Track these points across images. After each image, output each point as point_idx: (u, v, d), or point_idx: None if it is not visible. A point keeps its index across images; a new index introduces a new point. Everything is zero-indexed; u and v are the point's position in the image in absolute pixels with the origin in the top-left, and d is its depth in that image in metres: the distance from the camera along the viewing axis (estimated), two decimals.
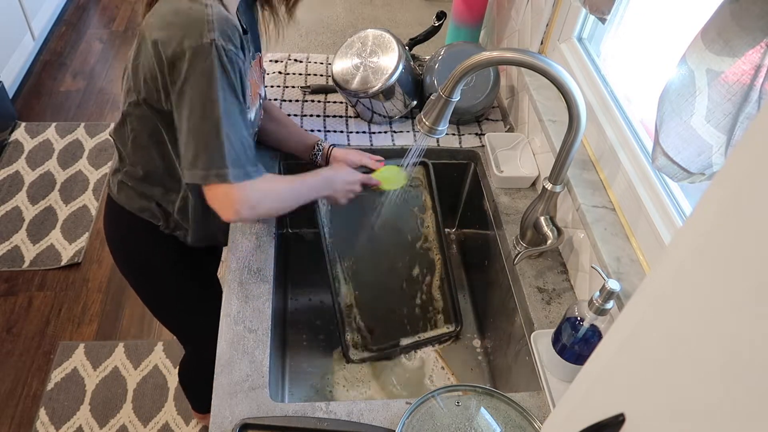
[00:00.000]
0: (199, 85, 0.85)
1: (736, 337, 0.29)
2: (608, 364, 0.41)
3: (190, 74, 0.85)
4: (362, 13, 1.85)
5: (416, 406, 0.88)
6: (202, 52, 0.83)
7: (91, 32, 3.28)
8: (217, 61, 0.84)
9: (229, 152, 0.88)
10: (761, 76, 0.62)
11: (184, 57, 0.84)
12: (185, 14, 0.85)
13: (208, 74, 0.84)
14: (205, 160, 0.88)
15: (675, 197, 0.93)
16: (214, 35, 0.84)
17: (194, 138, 0.88)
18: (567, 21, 1.27)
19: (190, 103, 0.86)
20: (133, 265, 1.22)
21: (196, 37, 0.83)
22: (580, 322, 0.87)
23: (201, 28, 0.84)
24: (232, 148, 0.88)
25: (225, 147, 0.87)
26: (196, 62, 0.84)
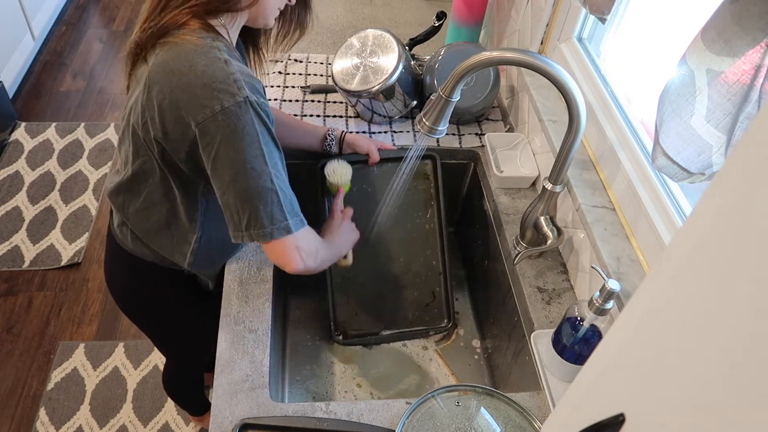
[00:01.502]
0: (241, 145, 0.81)
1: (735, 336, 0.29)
2: (608, 364, 0.41)
3: (228, 136, 0.81)
4: (362, 13, 1.85)
5: (416, 406, 0.88)
6: (238, 113, 0.80)
7: (91, 32, 3.28)
8: (255, 117, 0.82)
9: (285, 203, 0.86)
10: (761, 76, 0.62)
11: (217, 120, 0.80)
12: (208, 75, 0.80)
13: (249, 132, 0.82)
14: (265, 217, 0.85)
15: (675, 197, 0.93)
16: (246, 92, 0.81)
17: (247, 198, 0.84)
18: (567, 21, 1.27)
19: (235, 165, 0.82)
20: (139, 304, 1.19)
21: (228, 99, 0.80)
22: (580, 322, 0.87)
23: (229, 88, 0.80)
24: (286, 198, 0.87)
25: (281, 199, 0.86)
26: (232, 123, 0.80)
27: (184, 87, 0.81)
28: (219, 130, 0.81)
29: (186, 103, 0.81)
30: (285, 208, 0.86)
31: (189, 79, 0.81)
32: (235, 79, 0.81)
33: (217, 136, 0.81)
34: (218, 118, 0.80)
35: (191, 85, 0.81)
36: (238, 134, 0.81)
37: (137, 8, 3.47)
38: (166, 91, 0.82)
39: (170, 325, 1.24)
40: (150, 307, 1.18)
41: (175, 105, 0.82)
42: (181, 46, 0.83)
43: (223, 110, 0.80)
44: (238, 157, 0.82)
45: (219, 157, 0.83)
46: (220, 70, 0.81)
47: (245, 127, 0.81)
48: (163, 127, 0.84)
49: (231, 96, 0.80)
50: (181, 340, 1.30)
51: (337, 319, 1.25)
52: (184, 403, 1.67)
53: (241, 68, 0.84)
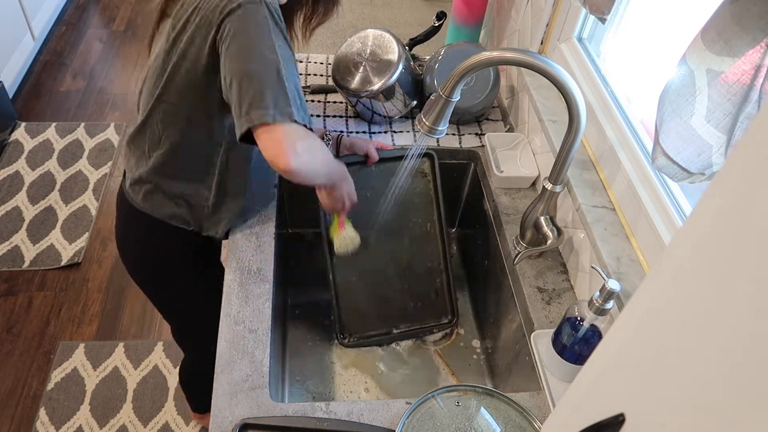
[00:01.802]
0: (255, 32, 0.87)
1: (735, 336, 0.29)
2: (608, 364, 0.41)
3: (242, 27, 0.87)
4: (362, 13, 1.85)
5: (416, 406, 0.88)
6: (252, 8, 0.87)
7: (91, 32, 3.28)
8: (269, 15, 0.88)
9: (291, 93, 0.88)
10: (761, 76, 0.62)
11: (237, 10, 0.87)
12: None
13: (264, 24, 0.88)
14: (269, 98, 0.86)
15: (675, 197, 0.93)
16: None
17: (253, 81, 0.87)
18: (567, 21, 1.27)
19: (248, 49, 0.87)
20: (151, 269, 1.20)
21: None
22: (580, 322, 0.87)
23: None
24: (292, 90, 0.89)
25: (287, 88, 0.88)
26: (249, 14, 0.87)
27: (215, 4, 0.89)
28: (235, 23, 0.87)
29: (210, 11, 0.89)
30: (290, 97, 0.88)
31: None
32: None
33: (233, 28, 0.87)
34: (236, 13, 0.87)
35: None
36: (251, 25, 0.88)
37: (137, 8, 3.47)
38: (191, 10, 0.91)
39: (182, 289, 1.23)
40: (163, 269, 1.19)
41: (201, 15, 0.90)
42: None
43: (240, 5, 0.87)
44: (249, 44, 0.88)
45: (231, 45, 0.88)
46: None
47: (259, 20, 0.88)
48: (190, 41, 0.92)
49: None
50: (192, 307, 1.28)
51: (342, 322, 1.25)
52: (192, 397, 1.66)
53: None
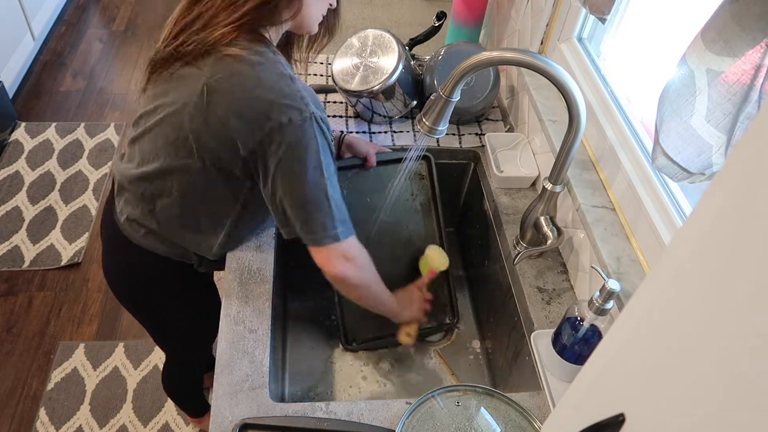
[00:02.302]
0: (304, 157, 0.87)
1: (735, 336, 0.29)
2: (608, 364, 0.41)
3: (293, 148, 0.86)
4: (362, 13, 1.85)
5: (416, 406, 0.88)
6: (304, 126, 0.86)
7: (91, 32, 3.28)
8: (319, 132, 0.88)
9: (336, 213, 0.92)
10: (761, 76, 0.62)
11: (284, 131, 0.85)
12: (276, 91, 0.86)
13: (312, 146, 0.87)
14: (317, 224, 0.91)
15: (675, 197, 0.93)
16: (312, 109, 0.86)
17: (303, 206, 0.90)
18: (567, 21, 1.27)
19: (295, 175, 0.88)
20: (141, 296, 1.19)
21: (295, 114, 0.85)
22: (580, 322, 0.87)
23: (297, 104, 0.85)
24: (338, 208, 0.93)
25: (333, 209, 0.92)
26: (298, 136, 0.86)
27: (253, 99, 0.86)
28: (284, 142, 0.86)
29: (255, 114, 0.86)
30: (336, 217, 0.92)
31: (258, 92, 0.86)
32: (302, 96, 0.87)
33: (282, 147, 0.86)
34: (285, 130, 0.85)
35: (260, 99, 0.85)
36: (302, 146, 0.87)
37: (137, 8, 3.47)
38: (231, 101, 0.86)
39: (172, 317, 1.23)
40: (153, 298, 1.18)
41: (240, 115, 0.86)
42: (244, 60, 0.86)
43: (291, 123, 0.85)
44: (300, 167, 0.88)
45: (281, 167, 0.88)
46: (287, 86, 0.87)
47: (309, 140, 0.87)
48: (224, 133, 0.88)
49: (299, 111, 0.85)
50: (181, 333, 1.30)
51: (345, 327, 1.24)
52: (183, 404, 1.67)
53: (303, 85, 0.90)
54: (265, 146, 0.87)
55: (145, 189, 0.99)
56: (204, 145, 0.90)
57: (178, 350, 1.40)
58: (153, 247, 1.06)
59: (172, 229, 1.03)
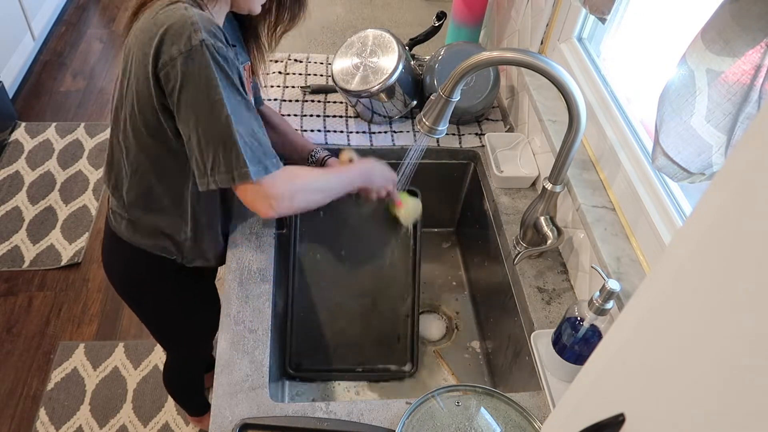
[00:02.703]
0: (199, 89, 0.83)
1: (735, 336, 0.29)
2: (608, 364, 0.41)
3: (186, 80, 0.82)
4: (362, 13, 1.85)
5: (416, 406, 0.88)
6: (194, 55, 0.81)
7: (91, 32, 3.28)
8: (212, 60, 0.82)
9: (245, 150, 0.86)
10: (761, 76, 0.62)
11: (177, 64, 0.81)
12: (166, 20, 0.82)
13: (206, 76, 0.82)
14: (224, 162, 0.86)
15: (675, 197, 0.93)
16: (202, 35, 0.81)
17: (208, 143, 0.86)
18: (567, 21, 1.27)
19: (195, 110, 0.84)
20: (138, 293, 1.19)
21: (185, 41, 0.80)
22: (580, 322, 0.87)
23: (186, 30, 0.81)
24: (246, 145, 0.87)
25: (240, 146, 0.86)
26: (190, 66, 0.81)
27: (147, 40, 0.83)
28: (178, 76, 0.82)
29: (153, 55, 0.82)
30: (244, 154, 0.86)
31: (152, 31, 0.83)
32: (193, 22, 0.81)
33: (177, 82, 0.82)
34: (177, 64, 0.81)
35: (153, 37, 0.82)
36: (194, 78, 0.82)
37: None
38: (134, 50, 0.84)
39: (168, 314, 1.24)
40: (148, 295, 1.19)
41: (143, 60, 0.84)
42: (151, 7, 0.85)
43: (181, 55, 0.81)
44: (196, 101, 0.83)
45: (181, 102, 0.84)
46: (178, 15, 0.82)
47: (201, 71, 0.82)
48: (136, 88, 0.86)
49: (187, 40, 0.81)
50: (179, 330, 1.30)
51: (292, 351, 1.17)
52: (183, 402, 1.67)
53: (202, 14, 0.84)
54: (166, 85, 0.83)
55: (111, 175, 1.00)
56: (132, 108, 0.89)
57: (176, 347, 1.40)
58: (135, 240, 1.06)
59: (139, 214, 1.03)
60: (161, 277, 1.14)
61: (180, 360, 1.47)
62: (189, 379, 1.54)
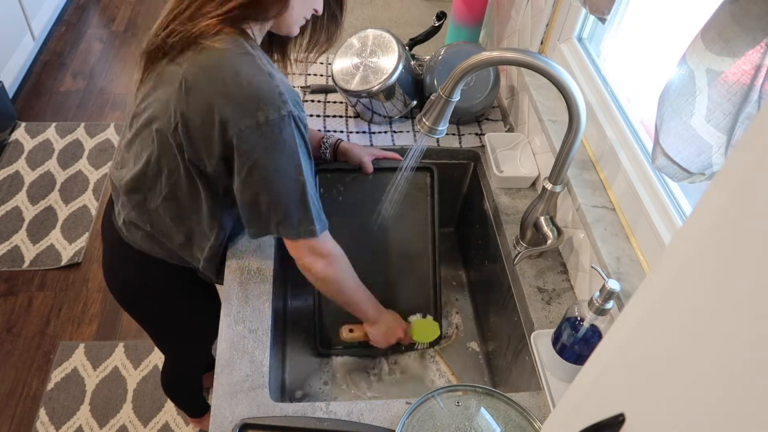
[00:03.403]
0: (281, 157, 0.87)
1: (735, 337, 0.29)
2: (608, 364, 0.41)
3: (270, 147, 0.85)
4: (362, 13, 1.85)
5: (416, 406, 0.88)
6: (281, 126, 0.85)
7: (91, 32, 3.28)
8: (296, 131, 0.87)
9: (313, 210, 0.93)
10: (761, 76, 0.62)
11: (261, 130, 0.84)
12: (254, 86, 0.83)
13: (290, 145, 0.87)
14: (295, 220, 0.92)
15: (675, 197, 0.93)
16: (290, 107, 0.85)
17: (280, 202, 0.90)
18: (567, 21, 1.27)
19: (272, 174, 0.87)
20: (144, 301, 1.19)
21: (273, 112, 0.84)
22: (580, 322, 0.87)
23: (275, 101, 0.84)
24: (314, 206, 0.93)
25: (310, 206, 0.92)
26: (275, 135, 0.85)
27: (229, 94, 0.84)
28: (261, 141, 0.85)
29: (230, 110, 0.84)
30: (313, 214, 0.93)
31: (234, 87, 0.83)
32: (280, 93, 0.85)
33: (258, 146, 0.85)
34: (262, 129, 0.84)
35: (236, 95, 0.83)
36: (279, 146, 0.86)
37: (137, 8, 3.47)
38: (208, 95, 0.84)
39: (172, 320, 1.24)
40: (152, 302, 1.18)
41: (217, 110, 0.84)
42: (222, 52, 0.84)
43: (268, 122, 0.84)
44: (277, 167, 0.87)
45: (257, 166, 0.87)
46: (265, 82, 0.85)
47: (287, 140, 0.87)
48: (200, 129, 0.87)
49: (276, 110, 0.84)
50: (181, 336, 1.30)
51: (322, 330, 1.21)
52: (182, 404, 1.67)
53: (283, 80, 0.88)
54: (242, 144, 0.85)
55: (137, 189, 0.99)
56: (185, 142, 0.89)
57: (176, 352, 1.40)
58: (151, 250, 1.05)
59: (164, 231, 1.02)
60: (171, 284, 1.14)
61: (179, 363, 1.47)
62: (188, 381, 1.54)
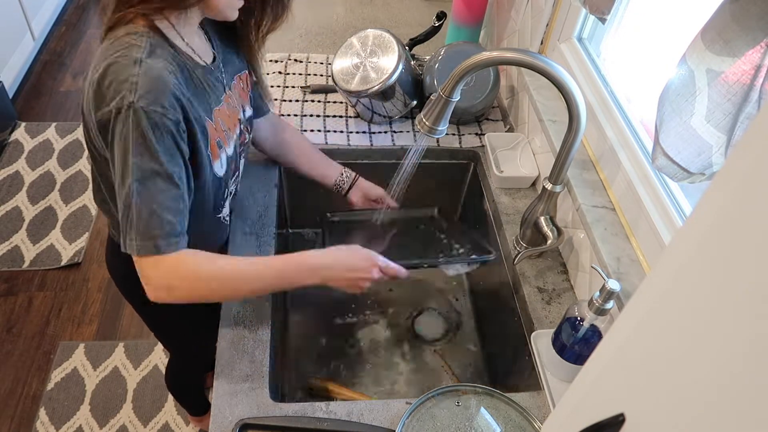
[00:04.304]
0: (118, 151, 0.80)
1: (735, 336, 0.29)
2: (608, 364, 0.41)
3: (113, 138, 0.80)
4: (362, 13, 1.85)
5: (416, 406, 0.88)
6: (121, 116, 0.77)
7: (91, 32, 3.28)
8: (134, 125, 0.78)
9: (137, 222, 0.81)
10: (761, 76, 0.62)
11: (110, 118, 0.79)
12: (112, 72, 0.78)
13: (125, 139, 0.78)
14: (124, 228, 0.82)
15: (675, 197, 0.93)
16: (133, 97, 0.77)
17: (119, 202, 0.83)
18: (567, 21, 1.27)
19: (114, 168, 0.81)
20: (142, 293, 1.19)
21: (118, 99, 0.77)
22: (580, 322, 0.87)
23: (122, 88, 0.77)
24: (140, 218, 0.81)
25: (133, 215, 0.81)
26: (117, 125, 0.78)
27: (94, 81, 0.81)
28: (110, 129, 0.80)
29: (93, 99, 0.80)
30: (135, 225, 0.81)
31: (100, 74, 0.80)
32: (133, 81, 0.78)
33: (108, 135, 0.80)
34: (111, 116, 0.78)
35: (98, 81, 0.80)
36: (117, 139, 0.79)
37: None
38: (89, 84, 0.82)
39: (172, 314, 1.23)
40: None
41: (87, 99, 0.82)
42: (111, 42, 0.83)
43: (114, 109, 0.78)
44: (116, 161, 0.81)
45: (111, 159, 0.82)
46: (124, 68, 0.78)
47: (123, 134, 0.79)
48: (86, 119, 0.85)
49: (120, 98, 0.77)
50: (183, 331, 1.29)
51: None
52: (185, 402, 1.67)
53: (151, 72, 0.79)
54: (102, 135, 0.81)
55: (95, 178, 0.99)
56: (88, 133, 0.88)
57: (180, 347, 1.40)
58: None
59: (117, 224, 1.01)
60: None
61: (183, 360, 1.47)
62: (191, 379, 1.54)
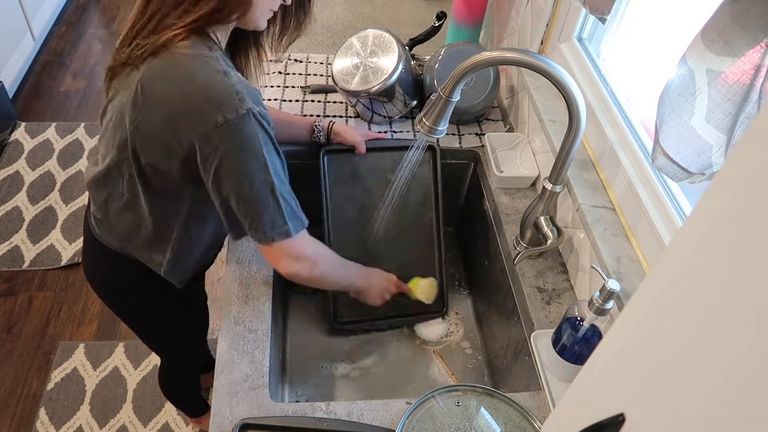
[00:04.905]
0: (245, 157, 0.85)
1: (735, 337, 0.29)
2: (608, 364, 0.41)
3: (232, 148, 0.83)
4: (362, 13, 1.85)
5: (416, 406, 0.88)
6: (241, 125, 0.82)
7: (91, 32, 3.28)
8: (259, 127, 0.84)
9: (285, 208, 0.90)
10: (761, 76, 0.62)
11: (221, 132, 0.82)
12: (208, 88, 0.82)
13: (253, 143, 0.84)
14: (266, 222, 0.90)
15: (675, 197, 0.93)
16: (249, 104, 0.83)
17: (250, 205, 0.88)
18: (567, 21, 1.27)
19: (238, 175, 0.86)
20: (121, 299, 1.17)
21: (231, 111, 0.81)
22: (580, 322, 0.87)
23: (232, 100, 0.82)
24: (286, 204, 0.91)
25: (281, 205, 0.90)
26: (236, 135, 0.83)
27: (184, 98, 0.82)
28: (222, 142, 0.83)
29: (186, 115, 0.82)
30: (285, 213, 0.90)
31: (188, 90, 0.82)
32: (237, 91, 0.83)
33: (220, 148, 0.83)
34: (222, 130, 0.82)
35: (191, 97, 0.82)
36: (242, 146, 0.84)
37: None
38: (163, 99, 0.83)
39: (154, 318, 1.22)
40: (131, 300, 1.17)
41: (173, 114, 0.83)
42: (177, 56, 0.83)
43: (227, 122, 0.82)
44: (242, 168, 0.85)
45: (222, 168, 0.85)
46: (220, 82, 0.83)
47: (249, 138, 0.84)
48: (156, 133, 0.85)
49: (234, 109, 0.82)
50: (167, 334, 1.29)
51: (335, 308, 1.26)
52: (181, 404, 1.66)
53: (240, 79, 0.86)
54: (203, 148, 0.84)
55: (100, 190, 0.98)
56: (142, 146, 0.88)
57: (167, 351, 1.39)
58: (119, 248, 1.04)
59: (123, 233, 1.01)
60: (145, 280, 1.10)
61: (173, 363, 1.46)
62: (184, 381, 1.54)
